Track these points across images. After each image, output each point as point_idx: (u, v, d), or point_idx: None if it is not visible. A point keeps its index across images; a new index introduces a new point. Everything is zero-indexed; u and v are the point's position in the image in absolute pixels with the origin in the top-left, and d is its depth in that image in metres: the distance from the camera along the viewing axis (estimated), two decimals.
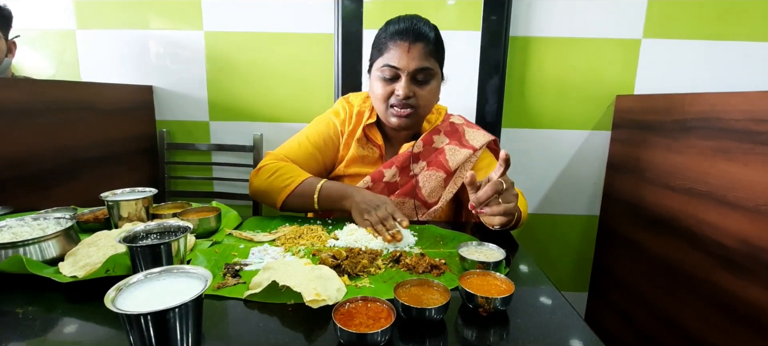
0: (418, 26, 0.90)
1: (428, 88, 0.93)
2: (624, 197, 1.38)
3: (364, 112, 1.02)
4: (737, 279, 0.92)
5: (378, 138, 1.01)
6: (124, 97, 1.40)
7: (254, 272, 0.63)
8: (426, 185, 0.96)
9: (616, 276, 1.42)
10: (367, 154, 1.01)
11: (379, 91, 0.93)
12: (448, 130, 1.02)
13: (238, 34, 1.45)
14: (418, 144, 0.98)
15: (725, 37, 1.41)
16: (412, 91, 0.91)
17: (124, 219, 0.73)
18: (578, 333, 0.51)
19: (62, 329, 0.50)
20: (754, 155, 0.89)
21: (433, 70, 0.92)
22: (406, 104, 0.92)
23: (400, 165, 0.97)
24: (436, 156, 0.98)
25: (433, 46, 0.91)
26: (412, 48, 0.88)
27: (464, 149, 0.99)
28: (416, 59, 0.89)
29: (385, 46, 0.91)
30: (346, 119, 1.02)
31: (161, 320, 0.39)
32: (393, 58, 0.89)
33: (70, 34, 1.48)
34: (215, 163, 1.55)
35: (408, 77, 0.90)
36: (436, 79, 0.95)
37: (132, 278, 0.42)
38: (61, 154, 1.13)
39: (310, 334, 0.50)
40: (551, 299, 0.59)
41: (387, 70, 0.91)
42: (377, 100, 0.95)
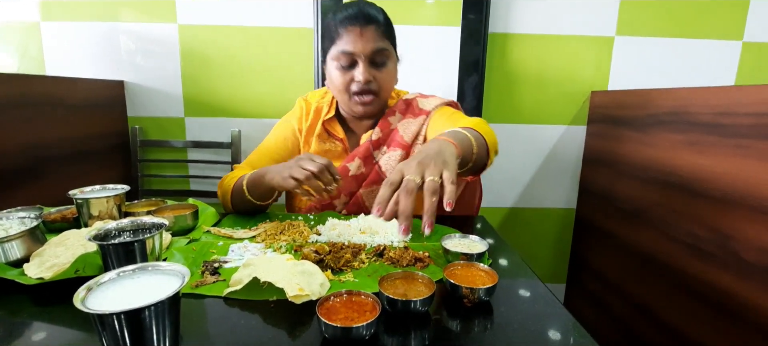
0: (367, 9, 0.88)
1: (387, 70, 0.92)
2: (599, 189, 1.42)
3: (322, 107, 1.00)
4: (707, 266, 0.96)
5: (339, 131, 1.00)
6: (94, 92, 1.34)
7: (234, 269, 0.61)
8: (389, 167, 0.95)
9: (592, 267, 1.46)
10: (329, 148, 0.99)
11: (339, 80, 0.91)
12: (402, 108, 0.99)
13: (214, 27, 1.41)
14: (375, 131, 0.96)
15: (693, 36, 1.47)
16: (371, 75, 0.89)
17: (95, 218, 0.70)
18: (560, 320, 0.52)
19: (29, 334, 0.47)
20: (721, 147, 0.93)
21: (388, 50, 0.91)
22: (368, 90, 0.90)
23: (362, 156, 0.95)
24: (394, 136, 0.97)
25: (385, 26, 0.90)
26: (364, 31, 0.87)
27: (417, 117, 0.97)
28: (371, 41, 0.87)
29: (337, 34, 0.89)
30: (303, 117, 1.01)
31: (135, 320, 0.37)
32: (347, 43, 0.87)
33: (34, 26, 1.40)
34: (191, 160, 1.50)
35: (366, 61, 0.88)
36: (392, 60, 0.93)
37: (103, 276, 0.40)
38: (26, 152, 1.07)
39: (293, 330, 0.49)
40: (533, 289, 0.60)
41: (343, 57, 0.88)
42: (338, 90, 0.93)
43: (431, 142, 0.63)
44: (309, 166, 0.73)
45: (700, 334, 0.98)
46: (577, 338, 0.49)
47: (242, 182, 0.86)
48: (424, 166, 0.54)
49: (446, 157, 0.57)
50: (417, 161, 0.55)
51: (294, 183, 0.74)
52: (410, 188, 0.52)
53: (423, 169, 0.54)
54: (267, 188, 0.82)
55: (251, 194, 0.85)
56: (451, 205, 0.51)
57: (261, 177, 0.82)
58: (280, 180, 0.77)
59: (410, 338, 0.48)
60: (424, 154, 0.57)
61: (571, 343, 0.48)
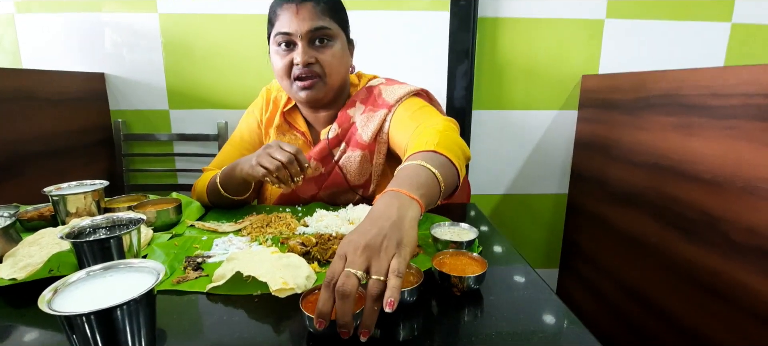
0: None
1: (331, 52, 0.82)
2: (591, 174, 1.42)
3: (280, 97, 0.95)
4: (697, 248, 0.96)
5: (300, 123, 0.94)
6: (73, 85, 1.29)
7: (218, 263, 0.59)
8: (350, 169, 0.89)
9: (585, 251, 1.47)
10: (289, 141, 0.94)
11: (279, 64, 0.83)
12: (362, 97, 0.90)
13: (196, 16, 1.37)
14: (333, 128, 0.88)
15: (683, 17, 1.46)
16: (312, 56, 0.81)
17: (73, 215, 0.68)
18: (550, 307, 0.51)
19: (3, 337, 0.45)
20: (711, 129, 0.93)
21: (330, 29, 0.82)
22: (310, 72, 0.81)
23: (318, 157, 0.89)
24: (351, 132, 0.89)
25: (326, 4, 0.82)
26: (300, 9, 0.79)
27: (378, 111, 0.87)
28: (307, 20, 0.79)
29: (275, 15, 0.82)
30: (264, 107, 0.97)
31: (106, 321, 0.35)
32: (283, 24, 0.80)
33: (9, 18, 1.35)
34: (178, 153, 1.47)
35: (304, 41, 0.80)
36: (339, 41, 0.84)
37: (71, 276, 0.38)
38: (3, 149, 1.03)
39: (278, 325, 0.47)
40: (523, 276, 0.59)
41: (280, 37, 0.81)
42: (279, 76, 0.85)
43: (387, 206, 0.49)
44: (277, 156, 0.71)
45: (690, 315, 0.98)
46: (567, 324, 0.48)
47: (216, 178, 0.83)
48: (371, 254, 0.44)
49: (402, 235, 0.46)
50: (363, 244, 0.44)
51: (263, 172, 0.72)
52: (347, 290, 0.40)
53: (368, 255, 0.43)
54: (239, 180, 0.79)
55: (226, 189, 0.81)
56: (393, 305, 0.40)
57: (232, 170, 0.79)
58: (248, 169, 0.74)
59: (399, 328, 0.47)
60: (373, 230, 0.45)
61: (562, 329, 0.47)
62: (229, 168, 0.80)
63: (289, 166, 0.71)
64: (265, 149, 0.74)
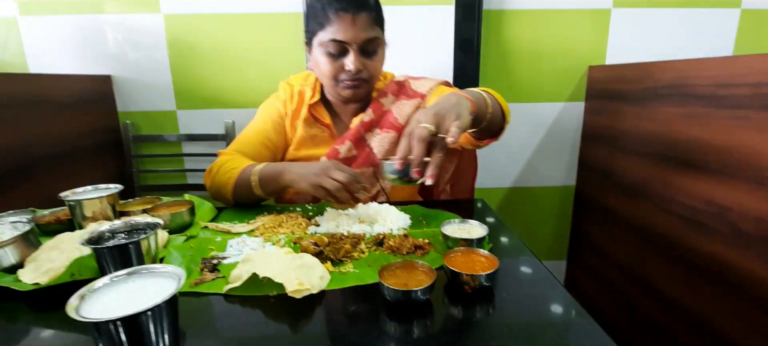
0: None
1: (377, 58, 0.90)
2: (599, 165, 1.42)
3: (305, 91, 0.98)
4: (705, 238, 0.96)
5: (325, 116, 0.98)
6: (80, 88, 1.31)
7: (233, 265, 0.60)
8: (380, 149, 0.93)
9: (593, 243, 1.47)
10: (316, 133, 0.98)
11: (327, 68, 0.87)
12: (393, 90, 0.98)
13: (200, 16, 1.37)
14: (367, 113, 0.95)
15: (691, 4, 1.44)
16: (362, 64, 0.87)
17: (89, 219, 0.69)
18: (559, 301, 0.52)
19: (28, 341, 0.46)
20: (718, 120, 0.93)
21: (379, 39, 0.89)
22: (357, 78, 0.88)
23: (353, 138, 0.94)
24: (387, 117, 0.95)
25: (376, 12, 0.87)
26: (356, 19, 0.83)
27: (411, 99, 0.96)
28: (363, 30, 0.84)
29: (327, 19, 0.85)
30: (288, 100, 0.99)
31: (133, 326, 0.36)
32: (338, 32, 0.83)
33: (12, 21, 1.36)
34: (186, 154, 1.48)
35: (357, 51, 0.85)
36: (382, 48, 0.91)
37: (96, 282, 0.39)
38: (13, 153, 1.05)
39: (295, 324, 0.49)
40: (533, 270, 0.60)
41: (333, 45, 0.85)
42: (326, 77, 0.90)
43: (448, 94, 0.67)
44: (339, 178, 0.72)
45: (699, 305, 0.99)
46: (577, 319, 0.49)
47: (249, 175, 0.83)
48: (439, 118, 0.60)
49: (461, 110, 0.63)
50: (433, 112, 0.61)
51: (324, 193, 0.73)
52: (422, 135, 0.58)
53: (438, 119, 0.60)
54: (283, 187, 0.81)
55: (264, 189, 0.83)
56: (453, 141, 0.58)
57: (279, 175, 0.80)
58: (306, 186, 0.76)
59: (412, 327, 0.48)
60: (440, 105, 0.63)
61: (572, 323, 0.48)
62: (275, 173, 0.81)
63: (349, 187, 0.73)
64: (324, 171, 0.74)
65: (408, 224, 0.75)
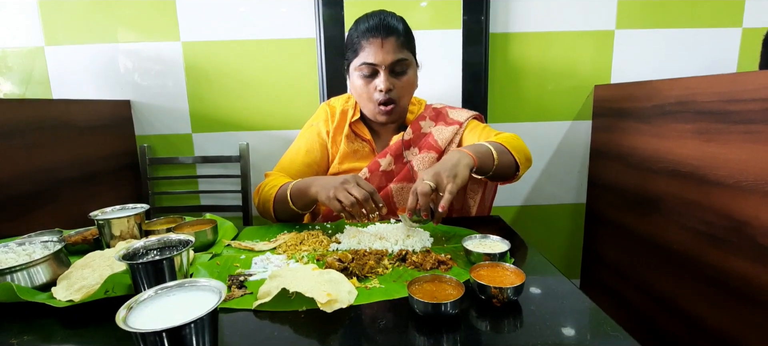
0: (387, 21, 0.93)
1: (406, 79, 0.97)
2: (609, 182, 1.43)
3: (347, 110, 1.06)
4: (722, 253, 0.96)
5: (365, 133, 1.05)
6: (101, 113, 1.34)
7: (260, 281, 0.61)
8: (421, 168, 0.99)
9: (606, 260, 1.46)
10: (358, 148, 1.04)
11: (362, 89, 0.97)
12: (432, 116, 1.06)
13: (218, 43, 1.42)
14: (408, 131, 1.02)
15: (693, 25, 1.48)
16: (392, 83, 0.95)
17: (117, 238, 0.70)
18: (591, 316, 0.52)
19: None
20: (730, 134, 0.94)
21: (408, 60, 0.96)
22: (389, 99, 0.95)
23: (394, 153, 1.00)
24: (426, 140, 1.02)
25: (404, 37, 0.95)
26: (385, 43, 0.92)
27: (449, 126, 1.03)
28: (391, 53, 0.92)
29: (359, 46, 0.94)
30: (329, 119, 1.06)
31: (177, 337, 0.37)
32: (369, 55, 0.93)
33: (39, 51, 1.41)
34: (201, 176, 1.51)
35: (386, 71, 0.93)
36: (412, 68, 0.98)
37: (142, 294, 0.40)
38: (37, 176, 1.08)
39: (325, 338, 0.49)
40: (558, 285, 0.60)
41: (365, 68, 0.94)
42: (362, 98, 0.99)
43: (452, 152, 0.79)
44: (354, 192, 0.74)
45: (720, 320, 0.97)
46: (609, 332, 0.49)
47: (287, 190, 0.88)
48: (439, 176, 0.73)
49: (459, 169, 0.75)
50: (434, 171, 0.74)
51: (339, 206, 0.76)
52: (424, 190, 0.71)
53: (437, 178, 0.73)
54: (312, 200, 0.85)
55: (295, 203, 0.87)
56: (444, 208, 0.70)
57: (307, 188, 0.84)
58: (324, 198, 0.79)
59: (442, 341, 0.48)
60: (441, 165, 0.76)
61: (607, 338, 0.48)
62: (304, 186, 0.85)
63: (364, 204, 0.75)
64: (343, 184, 0.77)
65: (430, 242, 0.75)
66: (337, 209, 0.76)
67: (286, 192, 0.88)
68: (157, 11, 1.39)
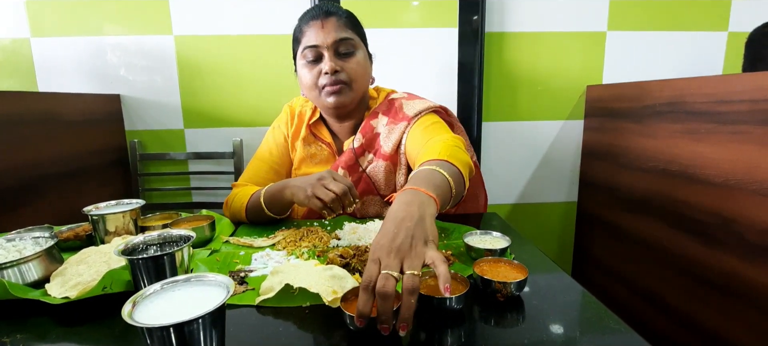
0: (326, 6, 0.90)
1: (355, 60, 0.89)
2: (600, 182, 1.45)
3: (305, 112, 1.01)
4: (711, 250, 0.99)
5: (325, 135, 0.99)
6: (90, 107, 1.31)
7: (261, 277, 0.61)
8: (377, 178, 0.93)
9: (596, 258, 1.49)
10: (315, 152, 0.99)
11: (307, 76, 0.90)
12: (385, 109, 0.95)
13: (211, 37, 1.40)
14: (357, 137, 0.93)
15: (681, 28, 1.52)
16: (338, 65, 0.88)
17: (112, 234, 0.69)
18: (593, 310, 0.53)
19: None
20: (719, 134, 0.97)
21: (353, 40, 0.89)
22: (336, 80, 0.88)
23: (346, 165, 0.93)
24: (377, 143, 0.94)
25: (347, 19, 0.90)
26: (325, 23, 0.87)
27: (399, 124, 0.92)
28: (332, 32, 0.87)
29: (301, 33, 0.90)
30: (288, 121, 1.02)
31: (185, 332, 0.36)
32: (310, 39, 0.87)
33: (24, 42, 1.37)
34: (193, 172, 1.48)
35: (330, 52, 0.87)
36: (361, 51, 0.91)
37: (148, 289, 0.39)
38: (23, 171, 1.04)
39: (331, 334, 0.49)
40: (560, 281, 0.61)
41: (308, 52, 0.88)
42: (308, 88, 0.91)
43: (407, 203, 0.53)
44: (332, 187, 0.73)
45: (708, 317, 1.00)
46: (611, 326, 0.50)
47: (259, 197, 0.84)
48: (403, 253, 0.47)
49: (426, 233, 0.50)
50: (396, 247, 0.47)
51: (319, 204, 0.73)
52: (388, 291, 0.43)
53: (401, 256, 0.47)
54: (287, 203, 0.82)
55: (270, 209, 0.83)
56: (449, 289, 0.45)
57: (280, 192, 0.81)
58: (303, 198, 0.75)
59: (446, 334, 0.48)
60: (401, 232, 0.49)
61: (610, 332, 0.49)
62: (277, 190, 0.82)
63: (343, 198, 0.73)
64: (319, 180, 0.75)
65: None
66: (318, 207, 0.73)
67: (259, 200, 0.83)
68: (148, 4, 1.36)
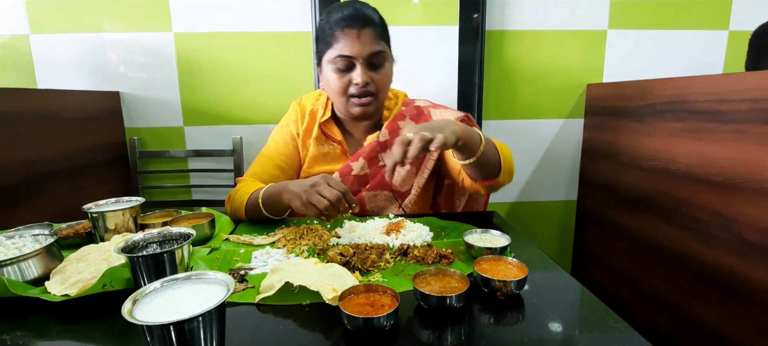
0: (363, 11, 0.88)
1: (384, 72, 0.91)
2: (600, 180, 1.45)
3: (316, 110, 1.00)
4: (711, 249, 0.99)
5: (336, 133, 0.99)
6: (89, 104, 1.31)
7: (261, 275, 0.61)
8: (396, 175, 0.94)
9: (596, 257, 1.49)
10: (328, 151, 0.99)
11: (336, 84, 0.90)
12: (413, 115, 0.98)
13: (211, 34, 1.40)
14: (383, 133, 0.95)
15: (682, 27, 1.51)
16: (369, 77, 0.89)
17: (112, 231, 0.69)
18: (593, 308, 0.53)
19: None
20: (719, 133, 0.96)
21: (385, 52, 0.90)
22: (366, 92, 0.89)
23: (367, 156, 0.94)
24: None
25: (380, 28, 0.90)
26: (361, 34, 0.86)
27: None
28: (368, 44, 0.87)
29: (333, 37, 0.88)
30: (299, 120, 1.01)
31: (185, 330, 0.36)
32: (344, 47, 0.86)
33: (23, 39, 1.37)
34: (193, 170, 1.48)
35: (363, 64, 0.88)
36: (389, 61, 0.93)
37: (148, 287, 0.39)
38: (22, 168, 1.04)
39: (331, 331, 0.49)
40: (560, 280, 0.61)
41: (340, 60, 0.87)
42: (335, 93, 0.92)
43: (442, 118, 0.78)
44: (326, 194, 0.72)
45: (707, 315, 1.00)
46: (611, 324, 0.50)
47: (257, 197, 0.83)
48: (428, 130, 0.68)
49: (446, 131, 0.69)
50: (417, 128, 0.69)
51: (314, 210, 0.73)
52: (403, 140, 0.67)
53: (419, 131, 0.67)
54: (284, 206, 0.81)
55: (268, 210, 0.83)
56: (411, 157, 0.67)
57: (278, 195, 0.80)
58: (299, 205, 0.75)
59: (446, 333, 0.48)
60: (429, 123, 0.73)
61: (609, 330, 0.49)
62: (276, 193, 0.81)
63: (338, 205, 0.72)
64: (313, 187, 0.73)
65: (430, 236, 0.75)
66: (314, 214, 0.73)
67: (258, 199, 0.83)
68: (148, 1, 1.36)
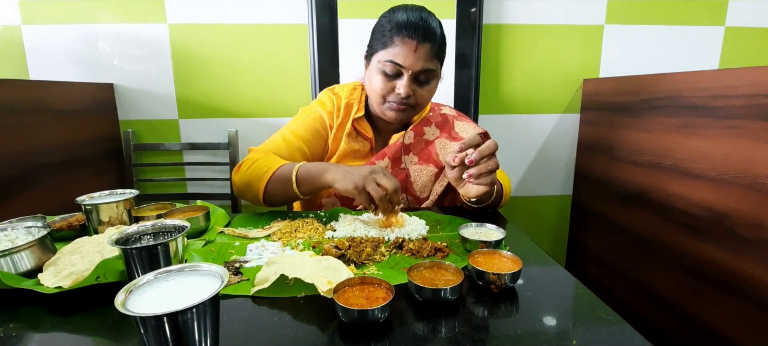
0: (427, 23, 0.84)
1: (428, 88, 0.90)
2: (595, 175, 1.46)
3: (352, 104, 0.98)
4: (703, 244, 1.00)
5: (368, 131, 0.98)
6: (82, 96, 1.29)
7: (256, 268, 0.60)
8: (417, 180, 0.95)
9: (591, 251, 1.50)
10: (358, 148, 0.98)
11: (379, 86, 0.89)
12: (438, 122, 0.99)
13: (206, 26, 1.38)
14: (408, 135, 0.96)
15: (679, 22, 1.51)
16: (412, 90, 0.87)
17: (105, 224, 0.68)
18: (586, 301, 0.53)
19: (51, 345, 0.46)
20: (714, 129, 0.97)
21: (435, 71, 0.89)
22: (405, 103, 0.89)
23: (392, 156, 0.95)
24: (427, 149, 0.96)
25: (439, 46, 0.88)
26: (419, 48, 0.83)
27: (454, 143, 0.97)
28: (422, 60, 0.84)
29: (390, 40, 0.85)
30: (334, 112, 0.99)
31: (178, 322, 0.36)
32: (398, 55, 0.84)
33: (15, 29, 1.35)
34: (188, 163, 1.47)
35: (411, 77, 0.86)
36: (436, 80, 0.92)
37: (141, 279, 0.39)
38: (14, 160, 1.03)
39: (326, 324, 0.49)
40: (554, 273, 0.61)
41: (390, 66, 0.86)
42: (375, 93, 0.91)
43: None
44: (384, 184, 0.72)
45: (700, 309, 1.01)
46: (604, 317, 0.50)
47: (292, 171, 0.81)
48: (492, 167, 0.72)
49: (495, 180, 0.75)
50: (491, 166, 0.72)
51: (367, 198, 0.72)
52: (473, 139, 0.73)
53: None
54: (321, 187, 0.80)
55: (301, 188, 0.81)
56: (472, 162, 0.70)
57: (319, 175, 0.79)
58: (350, 187, 0.74)
59: (441, 325, 0.48)
60: None
61: (602, 322, 0.49)
62: (316, 172, 0.80)
63: (393, 197, 0.72)
64: (371, 174, 0.73)
65: (425, 230, 0.76)
66: (365, 201, 0.73)
67: (291, 174, 0.81)
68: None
